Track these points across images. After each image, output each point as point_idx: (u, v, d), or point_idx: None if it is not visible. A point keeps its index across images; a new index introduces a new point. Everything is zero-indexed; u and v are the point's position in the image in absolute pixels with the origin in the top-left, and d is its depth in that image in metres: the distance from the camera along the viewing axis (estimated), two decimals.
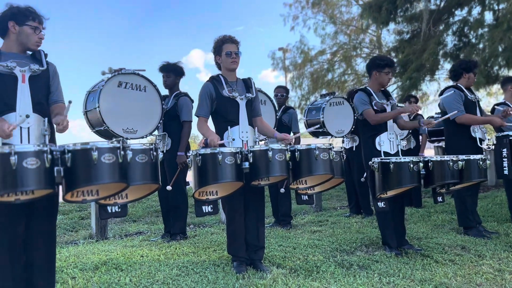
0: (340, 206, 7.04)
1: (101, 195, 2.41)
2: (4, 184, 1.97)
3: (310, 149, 2.84)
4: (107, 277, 2.99)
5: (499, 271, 3.18)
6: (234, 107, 3.32)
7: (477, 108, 4.49)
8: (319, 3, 16.50)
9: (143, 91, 4.42)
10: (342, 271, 3.17)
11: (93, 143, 2.14)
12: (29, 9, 2.64)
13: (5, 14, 2.63)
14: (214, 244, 4.11)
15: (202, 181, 2.73)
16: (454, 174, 3.47)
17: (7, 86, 2.51)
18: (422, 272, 3.17)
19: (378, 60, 4.01)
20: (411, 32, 10.85)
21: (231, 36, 3.42)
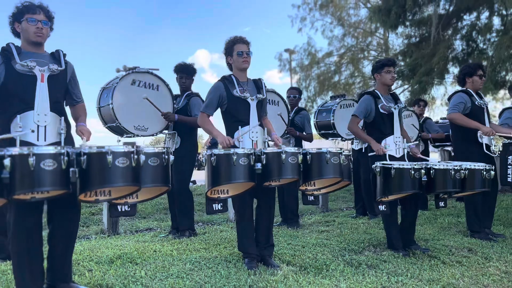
0: (346, 207, 7.10)
1: (113, 195, 2.50)
2: (21, 184, 2.05)
3: (321, 153, 2.92)
4: (122, 270, 3.08)
5: (506, 273, 3.23)
6: (245, 107, 3.39)
7: (484, 113, 4.54)
8: (327, 5, 16.57)
9: (155, 90, 4.52)
10: (351, 270, 3.24)
11: (108, 146, 2.22)
12: (24, 4, 2.69)
13: (10, 19, 2.73)
14: (224, 241, 4.20)
15: (216, 181, 2.81)
16: (456, 183, 3.50)
17: (26, 85, 2.58)
18: (430, 272, 3.23)
19: (376, 63, 4.16)
20: (419, 36, 10.89)
21: (242, 36, 3.51)
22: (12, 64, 2.57)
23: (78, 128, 2.78)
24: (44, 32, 2.68)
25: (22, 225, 2.44)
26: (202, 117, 3.42)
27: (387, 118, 3.89)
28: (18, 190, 2.02)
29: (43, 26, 2.67)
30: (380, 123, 3.89)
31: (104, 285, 2.75)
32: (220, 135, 3.25)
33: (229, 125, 3.41)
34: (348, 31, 16.24)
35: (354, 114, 3.94)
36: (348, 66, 16.41)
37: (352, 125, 3.93)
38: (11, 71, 2.56)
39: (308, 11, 17.13)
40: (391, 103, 3.95)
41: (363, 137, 3.88)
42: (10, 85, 2.56)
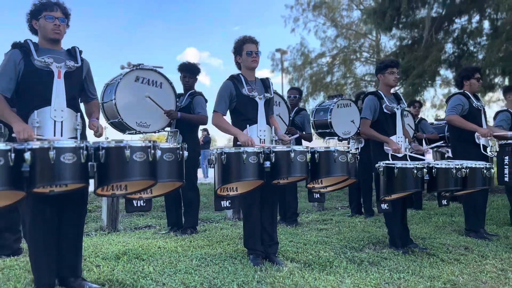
0: (341, 206, 7.20)
1: (129, 190, 2.53)
2: (42, 177, 2.08)
3: (329, 152, 2.98)
4: (130, 266, 3.11)
5: (502, 271, 3.33)
6: (253, 106, 3.45)
7: (482, 115, 4.66)
8: (320, 6, 16.71)
9: (159, 87, 4.53)
10: (354, 267, 3.31)
11: (126, 141, 2.26)
12: (42, 1, 2.72)
13: (27, 16, 2.75)
14: (226, 238, 4.24)
15: (226, 179, 2.86)
16: (457, 182, 3.60)
17: (44, 81, 2.62)
18: (430, 269, 3.32)
19: (379, 64, 4.24)
20: (412, 39, 11.06)
21: (251, 36, 3.56)
22: (31, 60, 2.60)
23: (91, 123, 2.81)
24: (61, 29, 2.71)
25: (39, 218, 2.47)
26: (216, 116, 3.45)
27: (390, 118, 3.97)
28: (39, 183, 2.05)
29: (60, 23, 2.69)
30: (384, 123, 3.97)
31: (114, 280, 2.77)
32: (240, 134, 3.28)
33: (238, 123, 3.45)
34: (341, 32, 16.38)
35: (364, 116, 4.00)
36: (340, 67, 16.55)
37: (364, 128, 3.98)
38: (30, 67, 2.59)
39: (301, 12, 17.26)
40: (394, 104, 4.03)
41: (379, 137, 3.91)
42: (28, 81, 2.60)
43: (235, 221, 5.56)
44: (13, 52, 2.63)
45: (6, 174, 1.98)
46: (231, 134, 3.44)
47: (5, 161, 1.97)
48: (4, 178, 1.98)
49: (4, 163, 1.97)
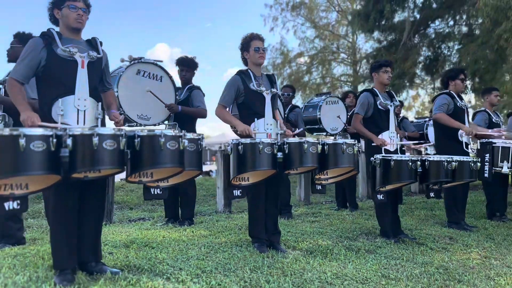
0: (325, 201, 7.45)
1: (155, 177, 2.63)
2: (83, 162, 2.17)
3: (337, 144, 3.17)
4: (143, 253, 3.20)
5: (486, 258, 3.62)
6: (261, 101, 3.60)
7: (465, 114, 4.97)
8: (299, 6, 17.01)
9: (159, 81, 4.62)
10: (353, 254, 3.52)
11: (161, 130, 2.37)
12: None
13: (50, 5, 2.82)
14: (226, 229, 4.37)
15: (242, 168, 3.00)
16: (448, 173, 3.87)
17: (67, 70, 2.68)
18: (422, 256, 3.57)
19: (374, 63, 4.49)
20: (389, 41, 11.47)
21: (258, 33, 3.72)
22: (54, 49, 2.65)
23: (112, 114, 2.88)
24: (83, 19, 2.77)
25: (62, 203, 2.54)
26: (220, 108, 3.59)
27: (384, 114, 4.21)
28: (80, 168, 2.13)
29: (83, 13, 2.75)
30: (378, 119, 4.19)
31: (132, 266, 2.86)
32: (240, 124, 3.44)
33: (245, 116, 3.59)
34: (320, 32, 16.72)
35: (357, 112, 4.22)
36: (318, 67, 16.90)
37: (355, 122, 4.21)
38: (53, 55, 2.64)
39: (280, 11, 17.50)
40: (387, 101, 4.26)
41: (366, 133, 4.15)
42: (52, 69, 2.65)
43: (227, 214, 5.68)
44: (35, 40, 2.68)
45: (46, 159, 2.06)
46: (232, 124, 3.62)
47: (47, 146, 2.04)
48: (44, 162, 2.06)
49: (46, 148, 2.04)
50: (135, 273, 2.73)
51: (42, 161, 2.05)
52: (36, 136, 2.02)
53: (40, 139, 2.03)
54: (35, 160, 2.02)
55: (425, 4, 10.17)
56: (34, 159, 2.02)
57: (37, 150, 2.01)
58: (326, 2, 16.73)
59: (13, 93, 2.64)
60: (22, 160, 1.98)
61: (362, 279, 2.91)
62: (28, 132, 2.01)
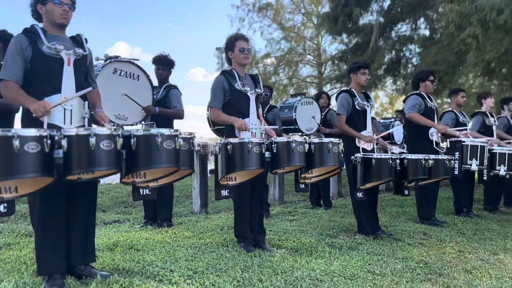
0: (298, 200, 7.54)
1: (148, 177, 2.58)
2: (79, 164, 2.10)
3: (323, 143, 3.22)
4: (129, 256, 3.13)
5: (460, 252, 3.79)
6: (245, 100, 3.61)
7: (435, 114, 5.19)
8: (266, 8, 17.14)
9: (136, 80, 4.52)
10: (336, 251, 3.59)
11: (157, 130, 2.33)
12: None
13: (33, 0, 2.70)
14: (207, 229, 4.34)
15: (231, 168, 2.99)
16: (425, 171, 4.03)
17: (53, 68, 2.58)
18: (401, 252, 3.69)
19: (353, 64, 4.59)
20: (355, 44, 11.78)
21: (243, 34, 3.75)
22: (39, 46, 2.55)
23: (98, 114, 2.80)
24: (69, 15, 2.68)
25: (51, 205, 2.45)
26: (214, 111, 3.58)
27: (362, 114, 4.31)
28: (75, 169, 2.06)
29: (69, 9, 2.66)
30: (356, 119, 4.30)
31: (121, 269, 2.79)
32: (236, 120, 3.45)
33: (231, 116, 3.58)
34: (287, 34, 16.91)
35: (339, 113, 4.30)
36: (285, 69, 17.09)
37: (340, 124, 4.27)
38: (39, 53, 2.54)
39: (247, 12, 17.57)
40: (364, 101, 4.38)
41: (352, 133, 4.22)
42: (37, 67, 2.54)
43: (205, 214, 5.65)
44: (19, 38, 2.57)
45: (40, 161, 1.98)
46: (228, 122, 3.58)
47: (42, 148, 1.96)
48: (39, 164, 1.98)
49: (40, 149, 1.96)
50: (125, 276, 2.67)
51: (36, 163, 1.97)
52: (31, 137, 1.94)
53: (34, 140, 1.95)
54: (29, 162, 1.95)
55: (390, 8, 10.52)
56: (28, 161, 1.94)
57: (31, 151, 1.93)
58: (292, 5, 16.98)
59: (14, 95, 2.52)
60: (16, 162, 1.90)
61: (350, 275, 2.98)
62: (22, 133, 1.93)
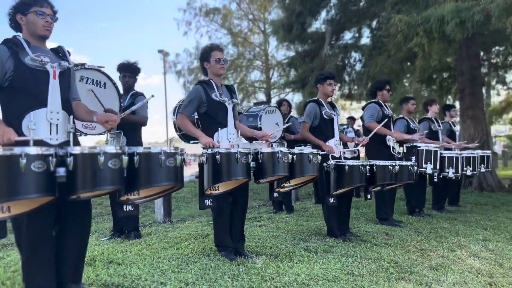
0: (258, 205, 7.66)
1: (141, 195, 2.56)
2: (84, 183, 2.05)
3: (303, 154, 3.35)
4: (112, 271, 3.05)
5: (422, 250, 4.08)
6: (223, 111, 3.65)
7: (391, 121, 5.53)
8: (213, 12, 17.17)
9: (103, 87, 4.41)
10: (313, 255, 3.74)
11: (160, 148, 2.32)
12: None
13: (12, 9, 2.60)
14: (181, 239, 4.31)
15: (218, 178, 3.02)
16: (392, 177, 4.30)
17: (39, 81, 2.49)
18: (371, 252, 3.91)
19: (319, 74, 4.79)
20: (305, 51, 12.16)
21: (218, 44, 3.80)
22: (21, 58, 2.43)
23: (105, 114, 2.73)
24: (52, 26, 2.59)
25: (40, 227, 2.35)
26: (182, 118, 3.57)
27: (329, 123, 4.51)
28: (81, 189, 2.00)
29: (51, 21, 2.57)
30: (324, 128, 4.49)
31: (109, 284, 2.73)
32: (203, 136, 3.45)
33: (208, 126, 3.61)
34: (235, 39, 17.03)
35: (304, 121, 4.47)
36: (233, 74, 17.20)
37: (303, 130, 4.45)
38: (22, 65, 2.42)
39: (194, 16, 17.49)
40: (331, 110, 4.58)
41: (314, 140, 4.41)
42: (21, 80, 2.43)
43: (169, 224, 5.58)
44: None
45: (44, 180, 1.91)
46: (194, 135, 3.61)
47: (47, 167, 1.90)
48: (43, 183, 1.91)
49: (46, 168, 1.89)
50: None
51: (40, 183, 1.90)
52: (37, 156, 1.87)
53: (40, 158, 1.88)
54: (34, 181, 1.87)
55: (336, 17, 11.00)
56: (33, 180, 1.86)
57: (37, 171, 1.85)
58: (239, 10, 17.15)
59: None
60: (22, 182, 1.82)
61: (333, 277, 3.13)
62: (29, 152, 1.85)
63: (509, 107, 20.35)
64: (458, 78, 10.32)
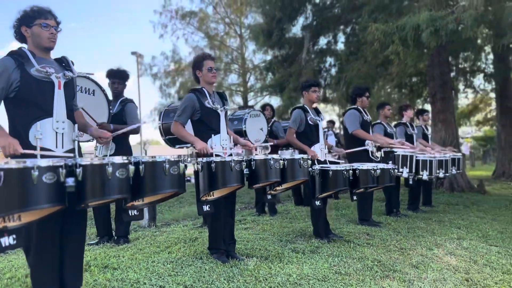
0: (240, 208, 7.78)
1: (146, 201, 2.66)
2: (93, 193, 2.15)
3: (295, 159, 3.52)
4: (110, 275, 3.12)
5: (402, 249, 4.31)
6: (216, 118, 3.78)
7: (370, 127, 5.77)
8: (189, 15, 17.20)
9: (91, 95, 4.45)
10: (301, 256, 3.90)
11: (164, 157, 2.43)
12: (34, 8, 2.66)
13: (17, 21, 2.67)
14: (171, 243, 4.39)
15: (214, 185, 3.14)
16: (374, 180, 4.52)
17: (44, 91, 2.56)
18: (355, 252, 4.10)
19: (304, 82, 4.97)
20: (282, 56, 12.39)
21: (210, 53, 3.94)
22: (27, 69, 2.50)
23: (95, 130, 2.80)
24: (56, 38, 2.65)
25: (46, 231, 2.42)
26: (176, 125, 3.67)
27: (314, 128, 4.70)
28: (90, 198, 2.09)
29: (55, 32, 2.64)
30: (309, 133, 4.67)
31: None
32: (198, 142, 3.56)
33: (202, 133, 3.72)
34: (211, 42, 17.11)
35: (290, 126, 4.64)
36: None
37: (289, 135, 4.62)
38: (27, 76, 2.49)
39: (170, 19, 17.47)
40: (316, 117, 4.77)
41: (299, 145, 4.59)
42: (27, 91, 2.49)
43: (154, 228, 5.64)
44: (5, 60, 2.50)
45: (55, 190, 1.99)
46: (189, 141, 3.72)
47: (57, 178, 1.98)
48: (54, 194, 1.99)
49: (56, 179, 1.98)
50: None
51: (52, 193, 1.98)
52: (49, 168, 1.95)
53: (51, 170, 1.96)
54: (46, 192, 1.95)
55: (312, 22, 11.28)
56: (44, 191, 1.95)
57: (48, 182, 1.94)
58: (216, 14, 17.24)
59: None
60: (35, 193, 1.90)
61: (322, 277, 3.29)
62: (40, 164, 1.93)
63: (476, 110, 21.26)
64: (429, 83, 10.77)
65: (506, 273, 3.51)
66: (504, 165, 14.71)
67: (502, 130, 14.83)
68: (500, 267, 3.66)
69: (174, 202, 8.39)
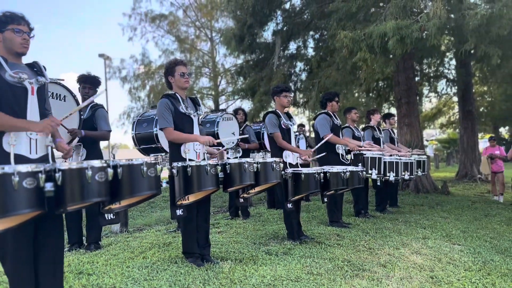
0: (214, 212, 7.81)
1: (122, 204, 2.68)
2: (73, 197, 2.16)
3: (267, 162, 3.60)
4: (85, 281, 3.12)
5: (371, 249, 4.48)
6: (189, 123, 3.82)
7: (340, 130, 5.95)
8: (159, 18, 17.10)
9: (62, 100, 4.41)
10: (275, 257, 3.99)
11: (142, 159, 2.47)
12: (7, 13, 2.65)
13: None
14: (145, 248, 4.40)
15: (189, 189, 3.19)
16: (344, 182, 4.67)
17: (18, 97, 2.55)
18: (326, 253, 4.23)
19: (275, 87, 5.07)
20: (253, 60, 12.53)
21: (183, 59, 3.97)
22: (1, 74, 2.48)
23: (59, 144, 2.78)
24: (29, 43, 2.64)
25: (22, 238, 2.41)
26: (169, 132, 3.66)
27: (287, 132, 4.81)
28: (70, 202, 2.10)
29: (28, 38, 2.63)
30: (282, 137, 4.77)
31: None
32: (200, 137, 3.64)
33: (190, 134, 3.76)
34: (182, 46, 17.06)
35: (273, 132, 4.68)
36: None
37: (278, 140, 4.66)
38: (2, 82, 2.47)
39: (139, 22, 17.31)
40: (288, 121, 4.88)
41: (291, 148, 4.67)
42: (1, 97, 2.46)
43: (127, 233, 5.60)
44: None
45: (35, 195, 2.00)
46: (191, 140, 3.70)
47: (37, 183, 1.99)
48: (34, 199, 2.00)
49: (36, 184, 1.99)
50: None
51: (32, 198, 1.98)
52: (28, 173, 1.96)
53: (31, 175, 1.97)
54: (26, 197, 1.96)
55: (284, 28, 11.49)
56: (24, 196, 1.95)
57: (29, 187, 1.95)
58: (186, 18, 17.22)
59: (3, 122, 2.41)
60: (15, 199, 1.90)
61: (295, 277, 3.40)
62: (20, 170, 1.94)
63: (439, 113, 22.08)
64: (395, 88, 11.15)
65: (468, 270, 3.71)
66: (467, 167, 15.34)
67: (465, 132, 15.49)
68: (463, 265, 3.87)
69: (146, 207, 8.33)
